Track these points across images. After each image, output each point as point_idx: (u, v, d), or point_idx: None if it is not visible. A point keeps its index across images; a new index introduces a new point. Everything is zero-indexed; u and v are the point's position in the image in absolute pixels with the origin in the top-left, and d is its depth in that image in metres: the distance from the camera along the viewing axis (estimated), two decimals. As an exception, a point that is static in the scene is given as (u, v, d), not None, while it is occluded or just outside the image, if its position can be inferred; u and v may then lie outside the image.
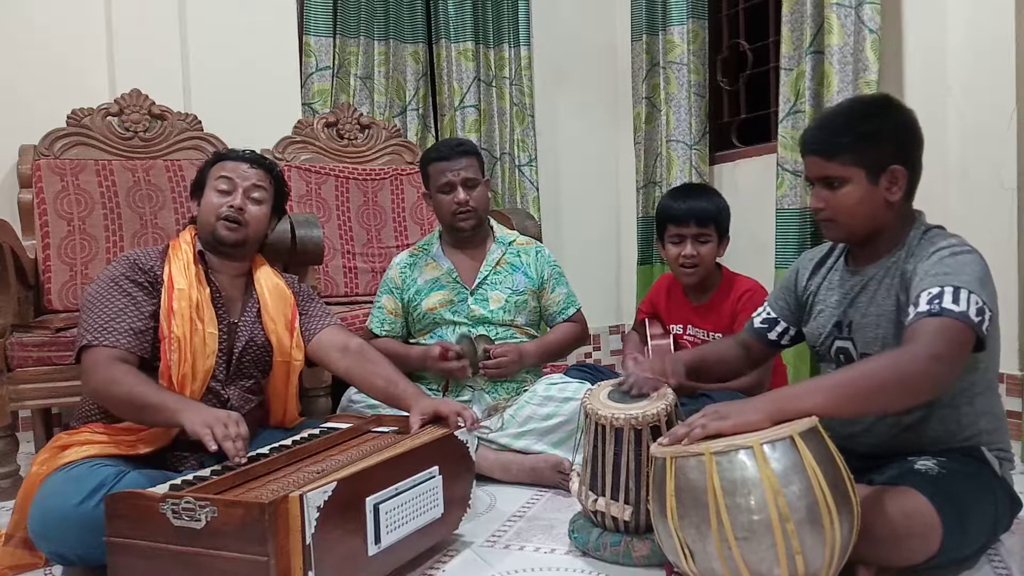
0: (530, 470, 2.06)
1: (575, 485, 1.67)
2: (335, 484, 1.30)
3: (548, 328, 2.43)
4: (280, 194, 1.93)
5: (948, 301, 1.35)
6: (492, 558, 1.62)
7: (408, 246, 2.70)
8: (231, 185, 1.81)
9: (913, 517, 1.34)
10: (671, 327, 2.34)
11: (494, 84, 3.49)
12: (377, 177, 3.02)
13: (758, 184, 3.08)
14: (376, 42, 3.28)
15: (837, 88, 2.53)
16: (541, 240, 2.66)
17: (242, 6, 2.97)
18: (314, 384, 2.34)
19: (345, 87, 3.25)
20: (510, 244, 2.38)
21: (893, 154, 1.50)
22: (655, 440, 1.47)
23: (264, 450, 1.61)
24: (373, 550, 1.38)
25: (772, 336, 1.79)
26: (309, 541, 1.24)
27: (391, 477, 1.44)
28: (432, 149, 2.37)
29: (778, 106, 2.81)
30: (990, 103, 2.33)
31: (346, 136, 3.07)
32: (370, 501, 1.38)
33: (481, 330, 2.25)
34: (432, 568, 1.57)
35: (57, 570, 1.58)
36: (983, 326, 1.35)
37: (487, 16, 3.47)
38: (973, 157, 2.39)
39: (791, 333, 1.78)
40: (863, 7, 2.48)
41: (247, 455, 1.50)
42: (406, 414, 1.75)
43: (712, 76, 3.41)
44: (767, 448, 1.26)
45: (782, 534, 1.22)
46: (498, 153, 3.47)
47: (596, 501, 1.58)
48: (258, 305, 1.85)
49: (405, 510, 1.45)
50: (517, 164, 3.52)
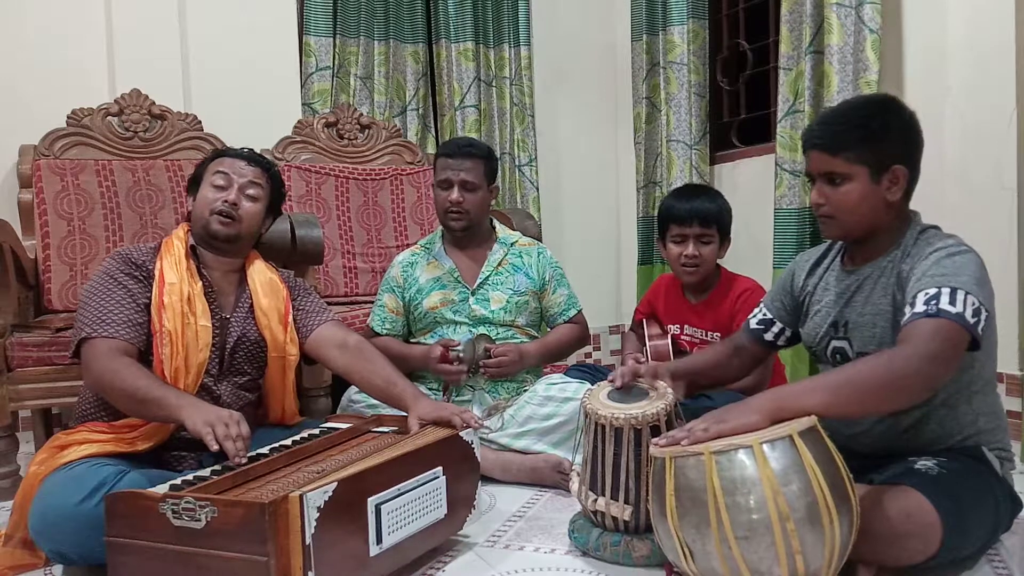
0: (530, 470, 2.06)
1: (575, 485, 1.67)
2: (335, 484, 1.30)
3: (549, 329, 2.43)
4: (277, 193, 1.92)
5: (945, 302, 1.35)
6: (492, 558, 1.62)
7: (408, 246, 2.70)
8: (227, 180, 1.82)
9: (913, 517, 1.34)
10: (669, 327, 2.34)
11: (494, 84, 3.49)
12: (377, 177, 3.02)
13: (757, 184, 3.08)
14: (376, 42, 3.28)
15: (837, 88, 2.53)
16: (541, 240, 2.67)
17: (242, 6, 2.97)
18: (314, 384, 2.34)
19: (345, 87, 3.25)
20: (512, 245, 2.38)
21: (896, 154, 1.51)
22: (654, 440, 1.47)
23: (264, 450, 1.61)
24: (375, 550, 1.38)
25: (768, 337, 1.79)
26: (309, 541, 1.24)
27: (394, 477, 1.43)
28: (444, 144, 2.40)
29: (777, 106, 2.81)
30: (990, 103, 2.33)
31: (346, 136, 3.07)
32: (372, 501, 1.38)
33: (482, 330, 2.25)
34: (432, 568, 1.57)
35: (57, 570, 1.58)
36: (979, 327, 1.36)
37: (487, 16, 3.47)
38: (973, 157, 2.39)
39: (787, 334, 1.78)
40: (863, 7, 2.48)
41: (247, 455, 1.50)
42: (406, 414, 1.76)
43: (712, 76, 3.41)
44: (766, 447, 1.26)
45: (782, 533, 1.22)
46: (498, 153, 3.47)
47: (596, 501, 1.58)
48: (250, 300, 1.84)
49: (408, 510, 1.45)
50: (517, 164, 3.52)
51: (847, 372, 1.38)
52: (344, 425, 1.80)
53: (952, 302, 1.35)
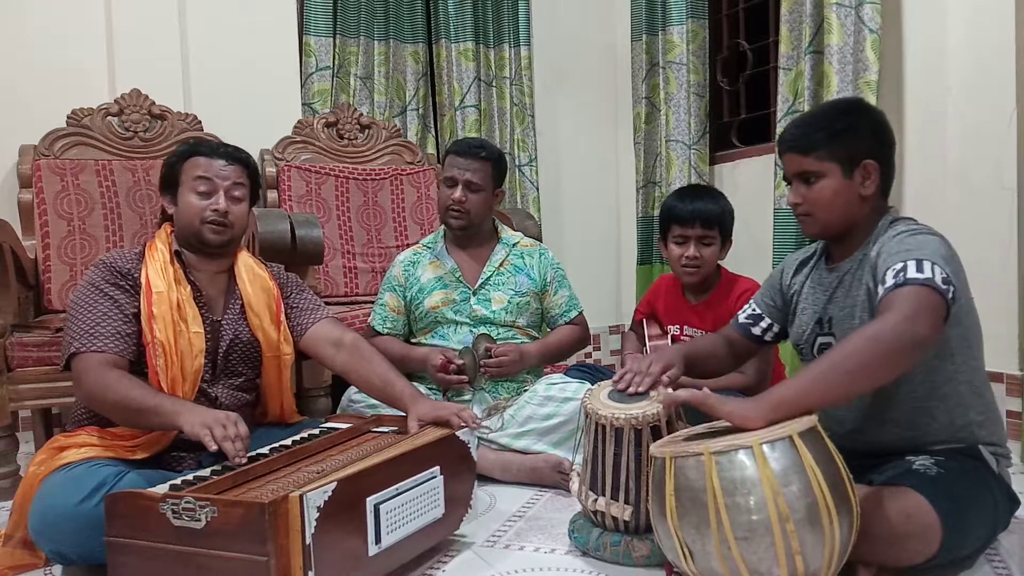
0: (530, 470, 2.06)
1: (575, 485, 1.67)
2: (335, 484, 1.30)
3: (549, 330, 2.43)
4: (256, 184, 1.87)
5: (912, 271, 1.38)
6: (492, 558, 1.62)
7: (408, 246, 2.70)
8: (211, 186, 1.75)
9: (912, 517, 1.34)
10: (669, 327, 2.34)
11: (494, 84, 3.49)
12: (377, 177, 3.02)
13: (757, 184, 3.09)
14: (376, 42, 3.28)
15: (837, 88, 2.53)
16: (541, 240, 2.67)
17: (242, 6, 2.97)
18: (314, 384, 2.34)
19: (345, 87, 3.25)
20: (514, 246, 2.38)
21: (866, 149, 1.56)
22: (655, 440, 1.47)
23: (264, 450, 1.61)
24: (374, 550, 1.38)
25: (756, 331, 1.81)
26: (309, 541, 1.24)
27: (392, 477, 1.43)
28: (455, 142, 2.39)
29: (777, 106, 2.81)
30: (990, 103, 2.33)
31: (346, 136, 3.07)
32: (371, 501, 1.38)
33: (483, 330, 2.25)
34: (432, 568, 1.57)
35: (57, 570, 1.58)
36: (949, 294, 1.37)
37: (487, 16, 3.47)
38: (973, 157, 2.39)
39: (775, 330, 1.81)
40: (863, 7, 2.48)
41: (247, 455, 1.50)
42: (405, 414, 1.75)
43: (712, 76, 3.41)
44: (766, 448, 1.26)
45: (781, 534, 1.22)
46: (498, 153, 3.48)
47: (596, 501, 1.58)
48: (241, 302, 1.81)
49: (406, 510, 1.45)
50: (517, 164, 3.52)
51: (831, 357, 1.38)
52: (344, 425, 1.80)
53: (919, 270, 1.38)
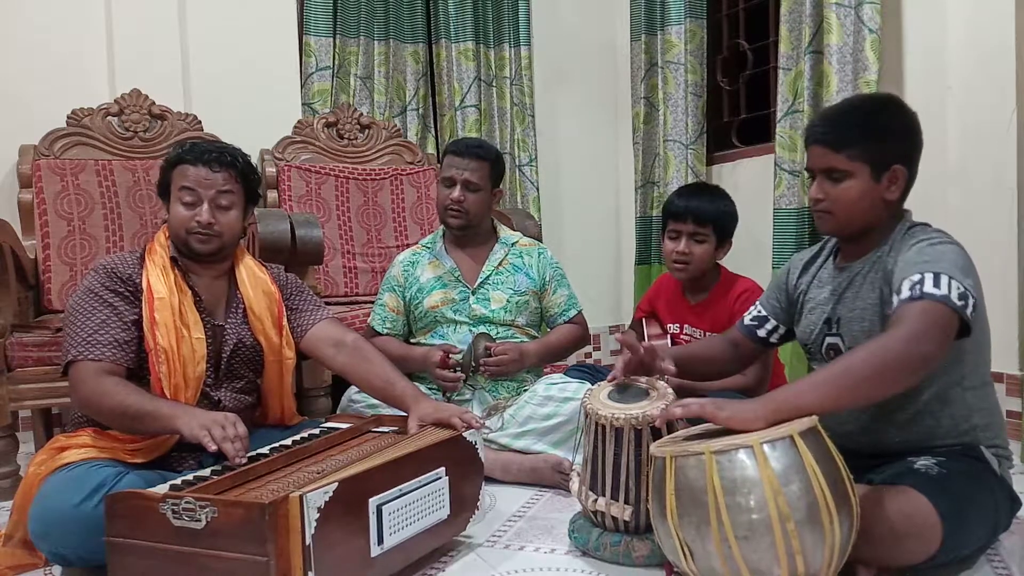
0: (530, 470, 2.06)
1: (575, 485, 1.67)
2: (336, 484, 1.29)
3: (549, 329, 2.43)
4: (251, 185, 1.80)
5: (929, 286, 1.37)
6: (492, 558, 1.62)
7: (408, 246, 2.70)
8: (195, 197, 1.71)
9: (913, 517, 1.34)
10: (669, 326, 2.34)
11: (494, 84, 3.49)
12: (377, 177, 3.02)
13: (757, 184, 3.09)
14: (376, 42, 3.28)
15: (836, 88, 2.53)
16: (541, 240, 2.67)
17: (242, 6, 2.97)
18: (314, 384, 2.34)
19: (345, 87, 3.25)
20: (513, 245, 2.38)
21: (898, 153, 1.52)
22: (655, 440, 1.47)
23: (264, 450, 1.60)
24: (376, 551, 1.38)
25: (761, 333, 1.80)
26: (309, 542, 1.24)
27: (395, 478, 1.43)
28: (454, 142, 2.39)
29: (777, 106, 2.81)
30: (990, 103, 2.33)
31: (346, 136, 3.07)
32: (373, 502, 1.37)
33: (482, 329, 2.25)
34: (432, 568, 1.57)
35: (57, 570, 1.58)
36: (966, 310, 1.36)
37: (487, 16, 3.47)
38: (973, 157, 2.39)
39: (780, 331, 1.79)
40: (863, 7, 2.48)
41: (247, 455, 1.50)
42: (406, 415, 1.75)
43: (712, 76, 3.41)
44: (767, 447, 1.26)
45: (782, 533, 1.22)
46: (499, 153, 3.48)
47: (596, 501, 1.58)
48: (243, 305, 1.80)
49: (410, 511, 1.45)
50: (517, 164, 3.52)
51: (839, 364, 1.38)
52: (344, 425, 1.80)
53: (936, 285, 1.36)
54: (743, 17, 3.36)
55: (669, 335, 2.33)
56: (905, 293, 1.38)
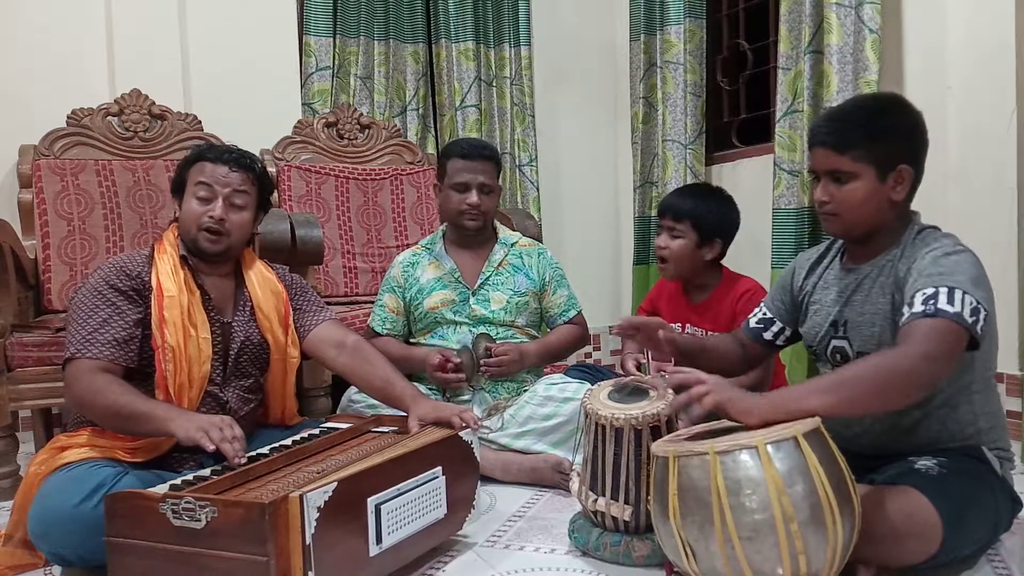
0: (530, 470, 2.06)
1: (575, 485, 1.66)
2: (336, 484, 1.29)
3: (549, 330, 2.43)
4: (264, 191, 1.85)
5: (943, 302, 1.35)
6: (492, 558, 1.61)
7: (408, 246, 2.70)
8: (211, 193, 1.74)
9: (913, 517, 1.34)
10: (670, 326, 2.34)
11: (494, 84, 3.49)
12: (377, 177, 3.02)
13: (757, 184, 3.08)
14: (376, 42, 3.28)
15: (837, 88, 2.53)
16: (541, 240, 2.67)
17: (242, 6, 2.97)
18: (314, 384, 2.34)
19: (345, 87, 3.25)
20: (512, 245, 2.38)
21: (903, 153, 1.51)
22: (655, 440, 1.47)
23: (264, 450, 1.60)
24: (375, 550, 1.38)
25: (767, 336, 1.79)
26: (309, 541, 1.24)
27: (393, 477, 1.43)
28: (456, 144, 2.36)
29: (776, 106, 2.81)
30: (990, 103, 2.33)
31: (346, 136, 3.07)
32: (372, 501, 1.37)
33: (482, 330, 2.25)
34: (432, 568, 1.57)
35: (57, 570, 1.58)
36: (977, 326, 1.36)
37: (487, 16, 3.47)
38: (973, 157, 2.39)
39: (787, 333, 1.78)
40: (863, 7, 2.48)
41: (246, 455, 1.50)
42: (406, 414, 1.75)
43: (712, 76, 3.41)
44: (771, 448, 1.26)
45: (786, 534, 1.22)
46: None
47: (596, 501, 1.58)
48: (251, 303, 1.82)
49: (407, 510, 1.45)
50: (517, 164, 3.52)
51: (846, 373, 1.39)
52: (344, 425, 1.80)
53: (950, 301, 1.35)
54: (743, 17, 3.36)
55: (669, 335, 2.33)
56: (918, 307, 1.37)
